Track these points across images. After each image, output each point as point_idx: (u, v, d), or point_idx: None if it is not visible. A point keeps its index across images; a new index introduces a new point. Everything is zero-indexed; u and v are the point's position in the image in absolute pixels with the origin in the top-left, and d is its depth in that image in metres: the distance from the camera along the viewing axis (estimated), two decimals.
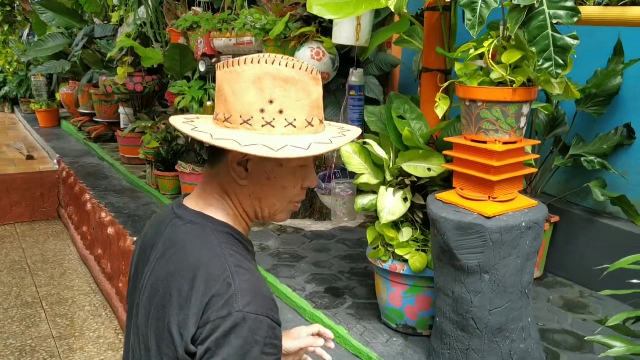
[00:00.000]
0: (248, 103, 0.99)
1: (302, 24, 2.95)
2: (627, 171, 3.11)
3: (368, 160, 2.52)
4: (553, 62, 1.78)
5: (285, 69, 0.99)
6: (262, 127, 0.99)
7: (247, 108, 0.99)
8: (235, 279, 0.95)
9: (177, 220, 1.09)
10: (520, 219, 2.04)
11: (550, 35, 1.77)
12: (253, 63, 0.98)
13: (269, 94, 0.98)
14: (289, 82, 0.99)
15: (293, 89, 0.99)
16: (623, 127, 3.09)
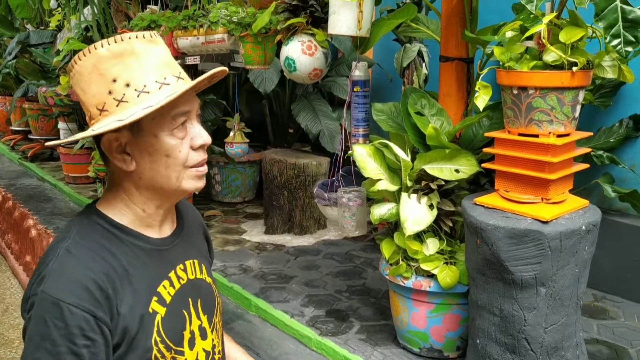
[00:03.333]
0: (96, 92, 1.00)
1: (289, 15, 2.62)
2: (635, 165, 2.96)
3: (384, 165, 2.21)
4: (622, 39, 1.54)
5: (116, 45, 0.99)
6: (117, 107, 0.99)
7: (98, 97, 1.00)
8: (54, 261, 0.97)
9: None
10: (579, 222, 1.78)
11: (618, 7, 1.53)
12: (86, 55, 1.00)
13: (110, 74, 0.99)
14: (124, 55, 0.99)
15: (131, 59, 1.00)
16: (629, 119, 2.93)
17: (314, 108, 4.03)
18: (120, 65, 0.98)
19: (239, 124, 3.57)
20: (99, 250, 0.99)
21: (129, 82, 0.98)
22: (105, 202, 1.06)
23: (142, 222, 1.07)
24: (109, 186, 1.08)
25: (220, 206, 4.59)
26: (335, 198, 2.40)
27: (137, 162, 1.03)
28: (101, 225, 1.03)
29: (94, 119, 1.00)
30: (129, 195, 1.06)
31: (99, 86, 0.99)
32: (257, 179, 4.69)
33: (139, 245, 1.05)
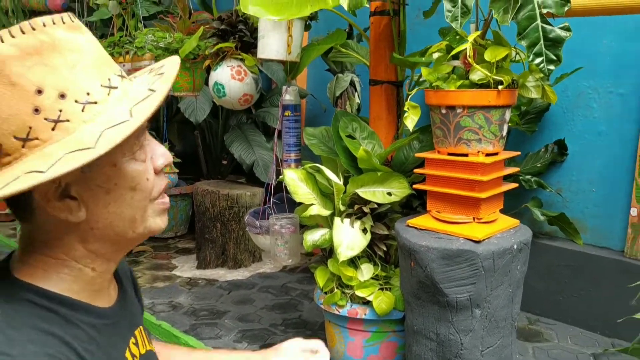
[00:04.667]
0: (11, 114, 0.65)
1: (218, 40, 2.56)
2: (562, 189, 3.04)
3: (316, 189, 2.16)
4: (544, 57, 1.57)
5: (26, 37, 0.66)
6: (54, 132, 0.67)
7: (15, 121, 0.66)
8: None
9: None
10: (511, 241, 1.77)
11: (540, 27, 1.56)
12: None
13: (30, 83, 0.65)
14: (43, 52, 0.66)
15: (54, 56, 0.67)
16: (554, 144, 3.02)
17: (248, 138, 3.96)
18: (41, 67, 0.66)
19: None
20: (41, 340, 0.67)
21: (64, 92, 0.67)
22: (29, 267, 0.74)
23: (89, 287, 0.77)
24: (32, 247, 0.75)
25: (150, 241, 4.39)
26: (267, 226, 2.32)
27: (87, 208, 0.73)
28: (34, 303, 0.70)
29: (11, 154, 0.66)
30: (70, 254, 0.75)
31: (15, 103, 0.65)
32: (189, 213, 4.54)
33: (90, 323, 0.75)
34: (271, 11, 1.87)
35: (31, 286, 0.72)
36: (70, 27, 0.70)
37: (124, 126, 0.67)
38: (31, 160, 0.66)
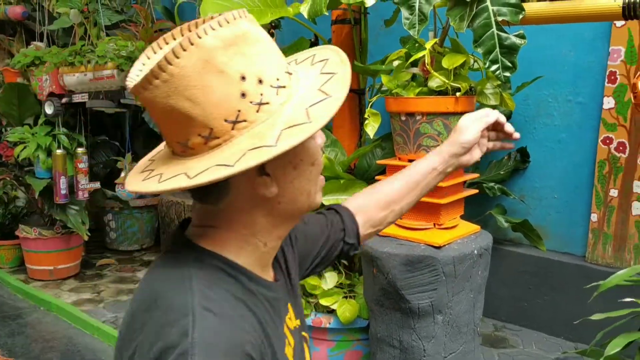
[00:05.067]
0: (222, 98, 0.71)
1: None
2: (525, 195, 3.08)
3: None
4: (500, 64, 1.59)
5: (223, 30, 0.72)
6: (258, 113, 0.73)
7: (226, 105, 0.71)
8: (196, 326, 0.69)
9: (162, 249, 0.78)
10: (471, 247, 1.79)
11: (495, 34, 1.58)
12: (186, 50, 0.69)
13: (235, 71, 0.71)
14: (238, 42, 0.72)
15: (247, 46, 0.73)
16: (516, 152, 3.07)
17: None
18: (240, 56, 0.72)
19: (130, 164, 3.39)
20: (232, 302, 0.75)
21: (261, 77, 0.73)
22: (211, 240, 0.80)
23: (259, 262, 0.83)
24: (214, 223, 0.81)
25: (115, 254, 4.30)
26: None
27: (278, 183, 0.79)
28: (221, 269, 0.78)
29: (221, 136, 0.72)
30: (251, 229, 0.81)
31: (225, 89, 0.71)
32: (155, 225, 4.47)
33: (264, 295, 0.82)
34: None
35: (217, 254, 0.79)
36: (250, 20, 0.75)
37: (303, 129, 0.71)
38: (240, 142, 0.72)
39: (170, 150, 0.79)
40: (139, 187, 0.77)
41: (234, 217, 0.80)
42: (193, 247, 0.80)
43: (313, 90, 0.77)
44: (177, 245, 0.82)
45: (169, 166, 0.76)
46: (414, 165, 1.16)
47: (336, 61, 0.82)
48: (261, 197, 0.78)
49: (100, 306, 3.32)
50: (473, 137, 1.11)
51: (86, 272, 3.94)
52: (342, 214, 1.12)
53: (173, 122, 0.73)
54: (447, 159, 1.13)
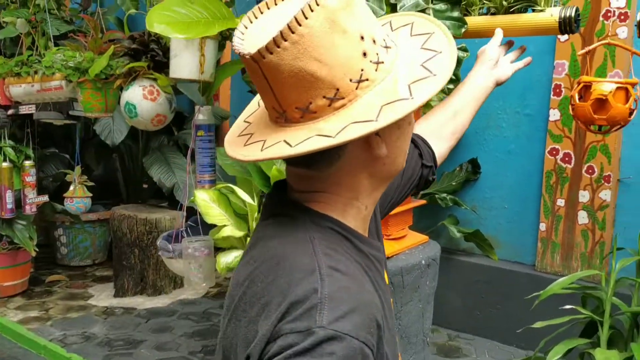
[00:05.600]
0: (347, 58, 0.72)
1: (129, 60, 2.50)
2: (476, 206, 3.13)
3: (229, 210, 2.12)
4: None
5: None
6: (377, 72, 0.74)
7: (350, 64, 0.72)
8: (325, 283, 0.69)
9: (266, 215, 0.86)
10: (419, 257, 1.80)
11: None
12: (314, 10, 0.70)
13: (355, 30, 0.72)
14: (352, 3, 0.73)
15: (357, 7, 0.74)
16: (468, 163, 3.12)
17: (168, 161, 3.87)
18: (355, 17, 0.73)
19: (80, 177, 3.30)
20: (357, 266, 0.77)
21: (374, 37, 0.74)
22: (318, 203, 0.80)
23: (362, 225, 0.84)
24: (319, 187, 0.80)
25: (66, 270, 4.17)
26: (181, 249, 2.25)
27: (386, 143, 0.79)
28: (339, 233, 0.79)
29: (345, 96, 0.72)
30: (357, 191, 0.81)
31: (349, 48, 0.71)
32: (108, 239, 4.36)
33: (373, 255, 0.83)
34: (177, 30, 1.84)
35: (330, 217, 0.78)
36: None
37: (405, 104, 0.71)
38: (368, 100, 0.72)
39: (270, 117, 0.79)
40: (242, 154, 0.77)
41: (342, 180, 0.80)
42: (306, 211, 0.79)
43: (416, 65, 0.78)
44: (288, 209, 0.81)
45: (270, 133, 0.76)
46: (460, 85, 1.27)
47: (442, 40, 0.82)
48: (371, 158, 0.79)
49: (48, 324, 3.21)
50: (490, 46, 1.29)
51: (34, 289, 3.81)
52: (415, 139, 1.12)
53: (297, 86, 0.72)
54: (480, 72, 1.27)
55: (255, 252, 0.80)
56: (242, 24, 0.78)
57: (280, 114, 0.76)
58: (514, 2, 1.55)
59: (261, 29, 0.76)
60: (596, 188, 2.69)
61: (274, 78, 0.73)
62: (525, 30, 1.55)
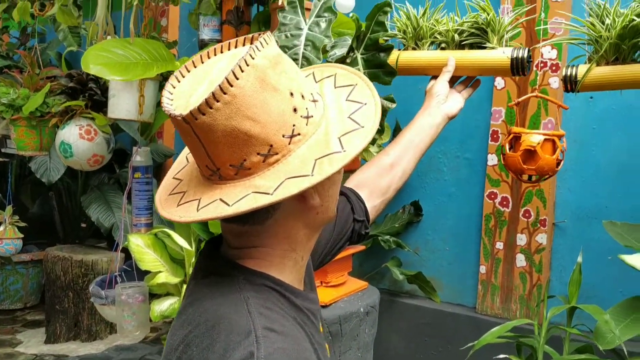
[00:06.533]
0: (279, 115, 0.74)
1: (66, 98, 2.43)
2: (419, 248, 3.16)
3: (165, 255, 2.05)
4: None
5: (269, 50, 0.75)
6: (307, 126, 0.77)
7: (282, 120, 0.75)
8: (261, 346, 0.69)
9: (200, 273, 0.85)
10: (358, 305, 1.78)
11: None
12: (244, 71, 0.72)
13: (285, 87, 0.75)
14: (280, 61, 0.76)
15: (285, 64, 0.77)
16: (410, 205, 3.15)
17: (107, 200, 3.75)
18: (284, 74, 0.75)
19: (10, 218, 3.16)
20: (293, 323, 0.77)
21: (302, 93, 0.77)
22: (254, 258, 0.80)
23: (297, 276, 0.85)
24: (256, 243, 0.81)
25: None
26: (114, 296, 2.16)
27: (319, 193, 0.81)
28: (275, 290, 0.79)
29: (280, 152, 0.74)
30: (293, 243, 0.83)
31: (280, 105, 0.74)
32: (42, 281, 4.16)
33: (308, 309, 0.83)
34: (114, 71, 1.80)
35: (264, 274, 0.79)
36: (275, 43, 0.78)
37: (339, 157, 0.74)
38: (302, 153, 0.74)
39: (203, 174, 0.79)
40: (178, 214, 0.76)
41: (278, 233, 0.81)
42: (240, 269, 0.79)
43: (344, 117, 0.80)
44: (222, 267, 0.81)
45: (204, 191, 0.77)
46: (404, 129, 1.28)
47: (365, 91, 0.85)
48: (305, 209, 0.80)
49: None
50: (439, 82, 1.32)
51: None
52: (346, 192, 1.14)
53: (231, 144, 0.73)
54: (428, 110, 1.29)
55: (189, 315, 0.79)
56: (170, 83, 0.78)
57: (213, 172, 0.76)
58: (466, 36, 1.51)
59: (190, 88, 0.76)
60: (533, 231, 2.76)
61: (207, 138, 0.74)
62: (475, 68, 1.49)
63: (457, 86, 1.43)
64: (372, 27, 1.56)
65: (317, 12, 1.65)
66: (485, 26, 1.47)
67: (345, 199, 1.15)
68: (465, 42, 1.51)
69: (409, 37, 1.55)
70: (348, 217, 1.14)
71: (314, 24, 1.63)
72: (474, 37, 1.50)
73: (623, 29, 1.35)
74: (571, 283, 1.76)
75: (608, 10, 1.39)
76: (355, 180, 1.22)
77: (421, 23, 1.52)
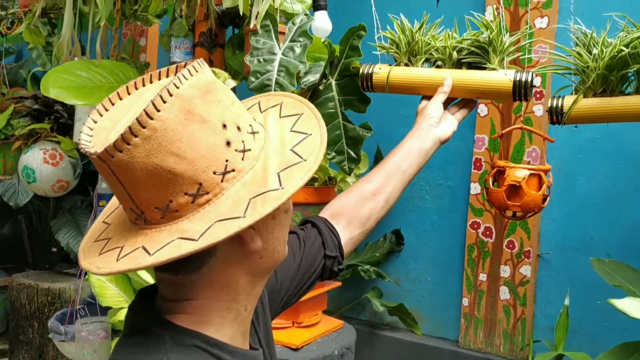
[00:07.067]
0: (209, 149, 0.67)
1: (31, 121, 2.32)
2: (400, 278, 3.06)
3: (128, 290, 1.93)
4: (345, 155, 1.54)
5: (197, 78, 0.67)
6: (243, 161, 0.69)
7: (213, 156, 0.67)
8: None
9: (126, 329, 0.77)
10: (332, 346, 1.68)
11: (341, 124, 1.54)
12: (166, 102, 0.64)
13: (216, 119, 0.68)
14: (212, 90, 0.69)
15: (218, 93, 0.70)
16: (391, 233, 3.06)
17: (78, 224, 3.60)
18: (217, 104, 0.68)
19: None
20: None
21: (238, 124, 0.70)
22: (187, 313, 0.72)
23: (241, 329, 0.78)
24: (191, 295, 0.72)
25: None
26: (74, 332, 2.02)
27: (260, 235, 0.73)
28: (206, 351, 0.70)
29: (210, 191, 0.67)
30: (234, 292, 0.74)
31: (211, 139, 0.66)
32: (8, 307, 3.98)
33: None
34: (75, 95, 1.70)
35: (196, 332, 0.71)
36: (209, 70, 0.71)
37: (275, 196, 0.66)
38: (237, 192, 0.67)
39: (130, 218, 0.71)
40: (96, 265, 0.67)
41: (215, 283, 0.73)
42: (167, 326, 0.71)
43: (285, 150, 0.73)
44: (148, 323, 0.73)
45: (129, 237, 0.69)
46: (391, 153, 1.18)
47: (311, 121, 0.77)
48: (246, 253, 0.73)
49: None
50: (433, 103, 1.24)
51: None
52: (318, 224, 1.03)
53: (154, 184, 0.65)
54: (419, 132, 1.21)
55: None
56: (91, 117, 0.70)
57: (138, 215, 0.69)
58: (465, 55, 1.39)
59: (112, 123, 0.68)
60: (517, 263, 2.67)
61: (127, 178, 0.65)
62: (474, 90, 1.36)
63: (451, 108, 1.35)
64: (347, 52, 1.48)
65: (292, 37, 1.56)
66: (486, 45, 1.37)
67: (316, 232, 1.05)
68: (463, 60, 1.40)
69: (402, 51, 1.44)
70: (318, 253, 1.04)
71: (288, 48, 1.55)
72: (473, 55, 1.39)
73: (611, 60, 1.28)
74: (558, 327, 1.67)
75: (595, 40, 1.32)
76: (331, 209, 1.12)
77: (417, 37, 1.42)
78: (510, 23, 2.63)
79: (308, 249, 1.03)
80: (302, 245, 1.03)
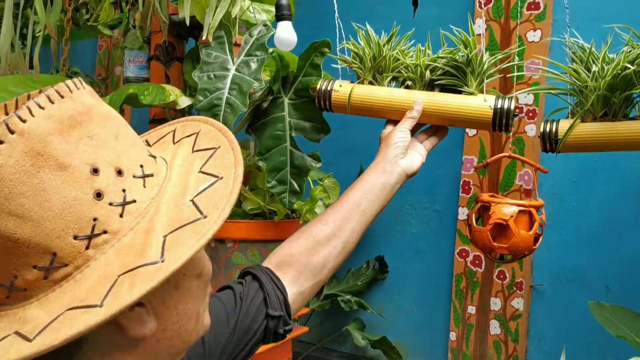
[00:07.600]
0: (67, 206, 0.49)
1: None
2: (383, 308, 2.85)
3: None
4: (288, 186, 1.33)
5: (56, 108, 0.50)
6: (122, 218, 0.52)
7: (74, 215, 0.50)
8: None
9: None
10: None
11: (288, 150, 1.34)
12: (5, 143, 0.47)
13: (78, 163, 0.50)
14: (82, 122, 0.52)
15: (94, 125, 0.53)
16: (375, 260, 2.86)
17: None
18: (87, 141, 0.52)
19: None
20: None
21: (119, 167, 0.54)
22: None
23: None
24: None
25: None
26: None
27: (156, 313, 0.56)
28: None
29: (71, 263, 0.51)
30: None
31: (70, 190, 0.50)
32: None
33: None
34: None
35: None
36: (90, 92, 0.56)
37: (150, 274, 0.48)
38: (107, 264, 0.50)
39: None
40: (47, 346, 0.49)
41: None
42: None
43: (185, 200, 0.55)
44: None
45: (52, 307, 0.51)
46: (349, 188, 1.03)
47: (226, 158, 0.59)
48: (136, 341, 0.56)
49: None
50: (399, 129, 1.09)
51: None
52: (260, 277, 0.86)
53: None
54: (383, 165, 1.04)
55: None
56: None
57: (5, 288, 0.51)
58: (440, 75, 1.21)
59: None
60: (508, 295, 2.47)
61: None
62: (447, 117, 1.18)
63: (419, 135, 1.18)
64: (306, 69, 1.28)
65: (248, 50, 1.37)
66: (464, 65, 1.17)
67: (257, 286, 0.87)
68: (437, 82, 1.21)
69: (366, 67, 1.24)
70: (258, 313, 0.85)
71: (243, 63, 1.35)
72: (448, 77, 1.20)
73: (614, 78, 1.08)
74: None
75: (595, 55, 1.13)
76: (277, 257, 0.93)
77: (384, 52, 1.22)
78: (501, 36, 2.45)
79: (246, 309, 0.85)
80: (238, 304, 0.85)
